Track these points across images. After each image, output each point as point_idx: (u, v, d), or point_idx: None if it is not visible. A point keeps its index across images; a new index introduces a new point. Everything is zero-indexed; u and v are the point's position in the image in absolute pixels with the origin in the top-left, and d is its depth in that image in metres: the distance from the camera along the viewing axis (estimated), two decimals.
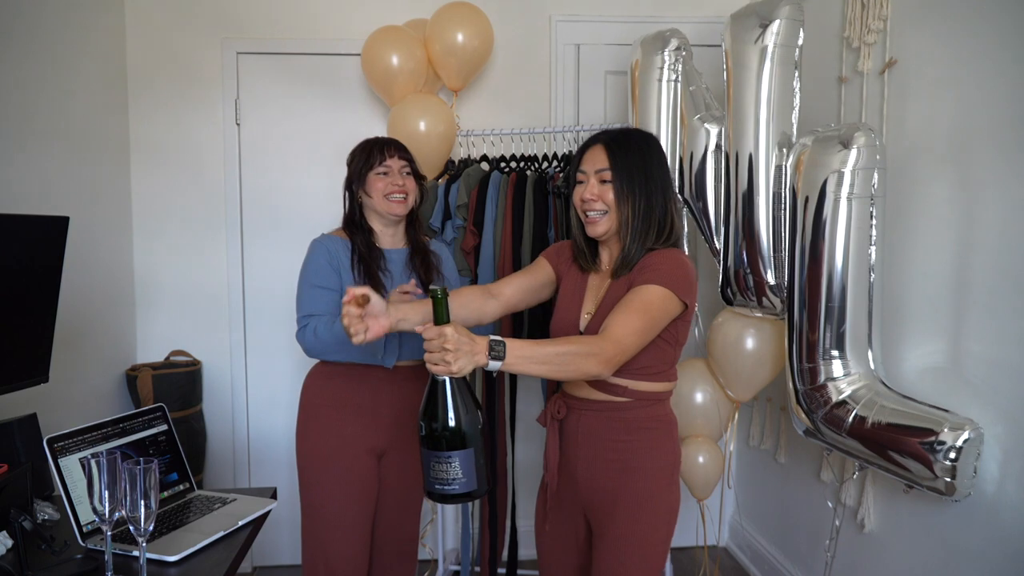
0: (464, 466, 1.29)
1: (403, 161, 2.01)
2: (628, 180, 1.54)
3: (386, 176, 1.98)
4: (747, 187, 2.26)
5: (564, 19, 3.08)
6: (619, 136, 1.58)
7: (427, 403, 1.31)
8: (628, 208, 1.54)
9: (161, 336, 2.99)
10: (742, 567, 3.14)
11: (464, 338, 1.26)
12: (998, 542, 1.78)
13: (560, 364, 1.36)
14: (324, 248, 1.98)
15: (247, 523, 1.61)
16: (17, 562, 1.38)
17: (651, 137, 1.63)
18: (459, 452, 1.29)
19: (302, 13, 2.99)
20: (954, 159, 1.92)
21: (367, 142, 2.04)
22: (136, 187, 2.95)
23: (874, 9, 2.17)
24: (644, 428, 1.57)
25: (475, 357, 1.27)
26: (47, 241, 1.71)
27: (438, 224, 2.65)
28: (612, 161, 1.55)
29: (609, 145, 1.56)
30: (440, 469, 1.30)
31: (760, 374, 2.45)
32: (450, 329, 1.25)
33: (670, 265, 1.51)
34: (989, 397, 1.80)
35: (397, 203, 1.99)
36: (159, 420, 1.80)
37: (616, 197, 1.55)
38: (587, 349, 1.38)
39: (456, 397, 1.29)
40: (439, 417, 1.29)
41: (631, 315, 1.45)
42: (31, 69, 2.25)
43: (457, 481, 1.30)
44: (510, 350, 1.31)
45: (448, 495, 1.31)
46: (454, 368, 1.25)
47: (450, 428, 1.28)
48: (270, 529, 1.79)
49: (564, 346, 1.38)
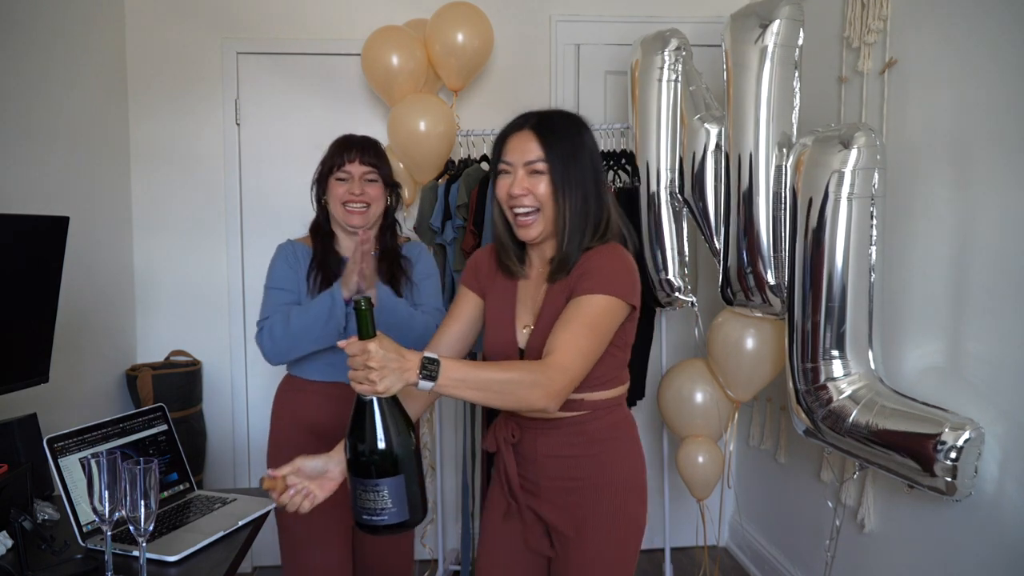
0: (394, 495, 1.16)
1: (366, 167, 1.82)
2: (563, 171, 1.34)
3: (344, 183, 1.82)
4: (747, 187, 2.26)
5: (564, 19, 3.08)
6: (549, 119, 1.38)
7: (352, 425, 1.18)
8: (566, 204, 1.35)
9: (161, 336, 2.99)
10: (742, 567, 3.14)
11: (391, 354, 1.13)
12: (998, 542, 1.78)
13: (500, 392, 1.23)
14: (284, 253, 1.89)
15: (247, 523, 1.61)
16: (17, 562, 1.38)
17: (581, 120, 1.43)
18: (388, 480, 1.15)
19: (302, 13, 2.99)
20: (954, 159, 1.92)
21: (336, 141, 1.89)
22: (136, 187, 2.95)
23: (874, 9, 2.17)
24: (608, 438, 1.46)
25: (404, 375, 1.13)
26: (47, 241, 1.71)
27: (438, 224, 2.65)
28: (545, 149, 1.35)
29: (539, 130, 1.36)
30: (367, 498, 1.16)
31: (760, 374, 2.45)
32: (374, 344, 1.11)
33: (612, 268, 1.36)
34: (989, 397, 1.80)
35: (354, 213, 1.82)
36: (159, 420, 1.80)
37: (551, 191, 1.35)
38: (532, 378, 1.24)
39: (385, 419, 1.16)
40: (365, 441, 1.16)
41: (578, 336, 1.30)
42: (31, 69, 2.24)
43: (386, 511, 1.16)
44: (445, 371, 1.17)
45: (376, 526, 1.18)
46: (380, 387, 1.12)
47: (378, 453, 1.15)
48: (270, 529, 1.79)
49: (506, 372, 1.25)
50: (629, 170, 2.74)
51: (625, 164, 2.75)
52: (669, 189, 2.56)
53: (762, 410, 2.95)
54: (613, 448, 1.47)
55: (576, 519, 1.45)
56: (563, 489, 1.46)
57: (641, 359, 2.75)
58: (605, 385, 1.44)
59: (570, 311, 1.33)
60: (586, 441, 1.45)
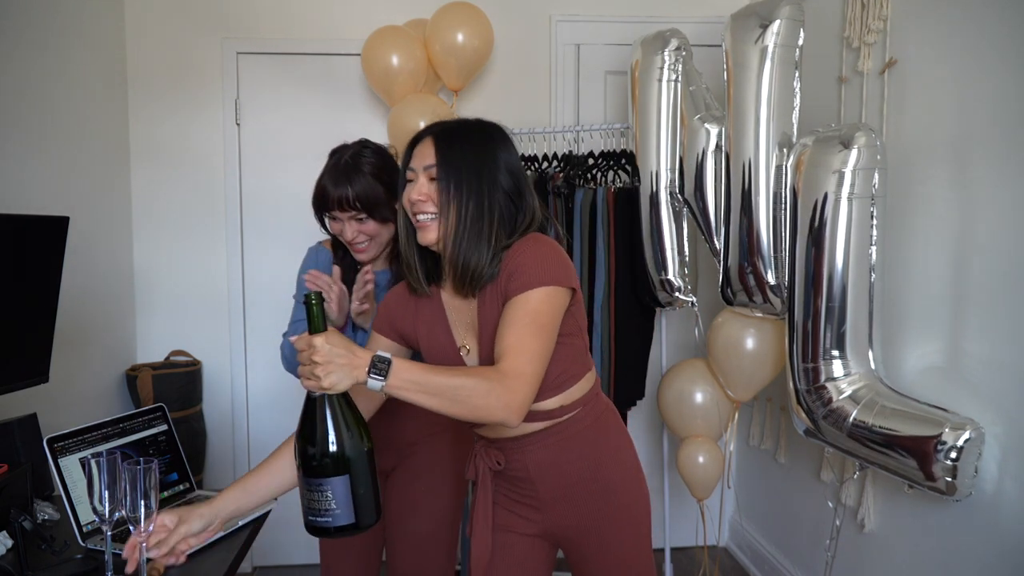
0: (339, 495, 1.12)
1: (350, 212, 1.69)
2: (456, 177, 1.30)
3: (337, 222, 1.73)
4: (747, 187, 2.26)
5: (564, 19, 3.08)
6: (451, 127, 1.37)
7: (300, 423, 1.15)
8: (453, 211, 1.30)
9: (161, 336, 2.99)
10: (742, 567, 3.14)
11: (339, 350, 1.10)
12: (998, 542, 1.78)
13: (454, 399, 1.16)
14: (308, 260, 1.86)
15: (247, 523, 1.61)
16: (17, 562, 1.38)
17: (490, 127, 1.40)
18: (332, 479, 1.12)
19: (302, 13, 2.99)
20: (954, 159, 1.92)
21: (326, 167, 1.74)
22: (136, 187, 2.95)
23: (874, 9, 2.17)
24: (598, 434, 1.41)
25: (353, 372, 1.10)
26: (47, 241, 1.71)
27: None
28: (440, 155, 1.32)
29: (439, 137, 1.34)
30: (312, 498, 1.13)
31: (760, 374, 2.45)
32: (320, 339, 1.09)
33: (538, 257, 1.29)
34: (989, 397, 1.80)
35: (357, 251, 1.75)
36: (159, 420, 1.80)
37: (440, 197, 1.31)
38: (487, 386, 1.18)
39: (331, 417, 1.13)
40: (311, 438, 1.13)
41: (525, 337, 1.23)
42: (31, 69, 2.24)
43: (330, 512, 1.13)
44: (396, 371, 1.12)
45: (321, 528, 1.14)
46: (324, 383, 1.09)
47: (324, 451, 1.12)
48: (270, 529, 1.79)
49: (460, 378, 1.18)
50: (629, 170, 2.74)
51: (625, 164, 2.75)
52: (669, 189, 2.56)
53: (762, 410, 2.95)
54: (600, 445, 1.42)
55: (583, 527, 1.42)
56: (564, 499, 1.41)
57: (641, 359, 2.75)
58: (571, 381, 1.38)
59: (509, 313, 1.26)
60: (573, 446, 1.39)
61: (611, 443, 1.44)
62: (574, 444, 1.39)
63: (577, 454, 1.40)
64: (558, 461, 1.39)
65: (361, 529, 1.15)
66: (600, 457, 1.42)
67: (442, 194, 1.30)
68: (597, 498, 1.41)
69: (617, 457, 1.44)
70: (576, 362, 1.39)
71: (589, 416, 1.41)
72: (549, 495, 1.42)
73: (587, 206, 2.65)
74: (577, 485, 1.40)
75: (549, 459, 1.39)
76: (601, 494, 1.41)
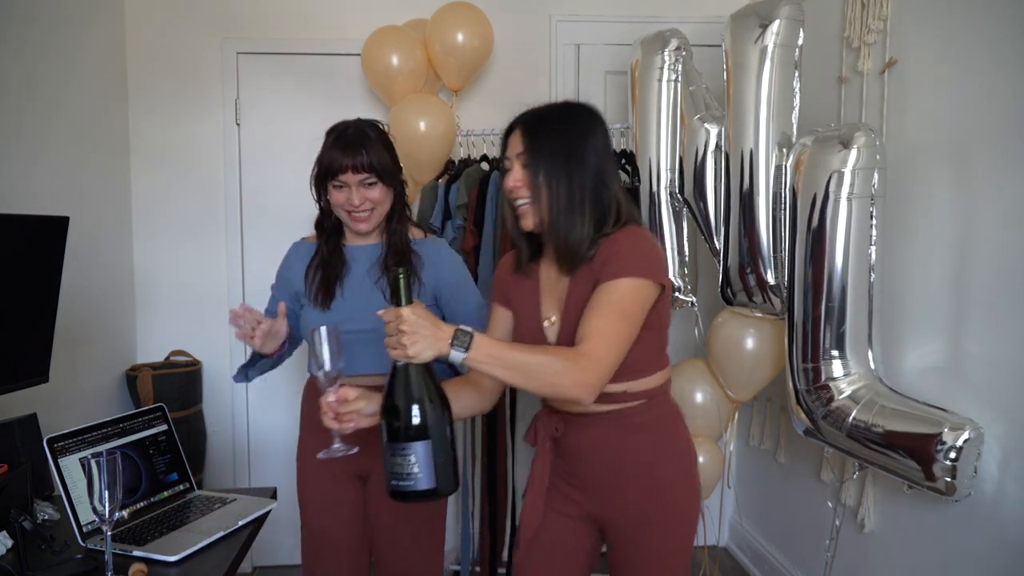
0: (421, 460, 1.18)
1: (363, 174, 1.69)
2: (544, 161, 1.36)
3: (342, 190, 1.72)
4: (747, 187, 2.26)
5: (564, 19, 3.08)
6: (539, 114, 1.42)
7: (386, 391, 1.22)
8: (546, 194, 1.36)
9: (161, 336, 2.99)
10: (742, 567, 3.14)
11: (425, 322, 1.18)
12: (998, 542, 1.78)
13: (531, 375, 1.24)
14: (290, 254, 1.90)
15: (247, 523, 1.61)
16: (17, 562, 1.38)
17: (579, 110, 1.44)
18: (415, 444, 1.18)
19: (302, 13, 2.99)
20: (954, 159, 1.92)
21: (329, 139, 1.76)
22: (136, 187, 2.95)
23: (874, 9, 2.17)
24: (654, 431, 1.44)
25: (437, 344, 1.18)
26: (47, 241, 1.71)
27: (438, 224, 2.65)
28: (530, 141, 1.38)
29: (526, 125, 1.40)
30: (395, 462, 1.19)
31: (760, 374, 2.45)
32: (408, 311, 1.18)
33: (634, 249, 1.35)
34: (989, 397, 1.80)
35: (360, 220, 1.74)
36: (159, 420, 1.80)
37: (532, 182, 1.37)
38: (564, 365, 1.24)
39: (415, 384, 1.20)
40: (395, 405, 1.20)
41: (608, 323, 1.29)
42: (30, 69, 2.24)
43: (413, 476, 1.18)
44: (477, 345, 1.20)
45: (404, 492, 1.20)
46: (410, 352, 1.17)
47: (408, 417, 1.19)
48: (270, 529, 1.79)
49: (539, 356, 1.25)
50: (629, 170, 2.74)
51: (625, 164, 2.75)
52: (669, 189, 2.56)
53: (762, 410, 2.95)
54: (659, 441, 1.45)
55: (628, 516, 1.44)
56: (611, 486, 1.44)
57: None
58: (642, 372, 1.42)
59: (597, 298, 1.32)
60: (630, 435, 1.43)
61: (669, 443, 1.47)
62: (631, 434, 1.43)
63: (632, 444, 1.43)
64: (612, 446, 1.43)
65: (440, 495, 1.22)
66: (654, 453, 1.44)
67: (532, 179, 1.37)
68: (644, 492, 1.43)
69: (672, 458, 1.46)
70: (650, 355, 1.43)
71: (653, 411, 1.45)
72: (595, 478, 1.45)
73: None
74: (626, 474, 1.43)
75: (604, 442, 1.43)
76: (649, 489, 1.43)
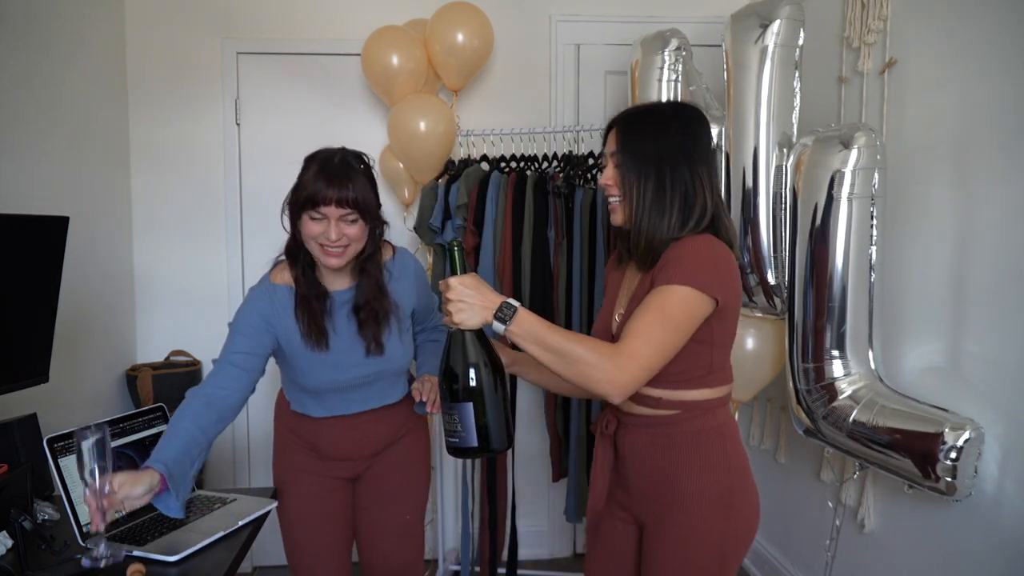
0: (466, 420, 1.27)
1: (345, 209, 1.57)
2: (634, 161, 1.38)
3: (319, 223, 1.58)
4: (748, 187, 2.26)
5: (564, 19, 3.08)
6: (635, 113, 1.44)
7: (442, 356, 1.31)
8: (634, 192, 1.38)
9: (161, 336, 2.99)
10: (742, 567, 3.14)
11: (471, 291, 1.24)
12: (998, 542, 1.78)
13: (565, 361, 1.25)
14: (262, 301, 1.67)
15: (247, 523, 1.61)
16: (17, 562, 1.38)
17: (677, 110, 1.44)
18: (461, 405, 1.27)
19: (302, 13, 2.99)
20: (954, 159, 1.92)
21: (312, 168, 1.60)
22: (136, 187, 2.95)
23: (874, 9, 2.17)
24: (691, 446, 1.40)
25: (482, 313, 1.24)
26: (47, 241, 1.71)
27: (438, 224, 2.65)
28: (621, 141, 1.40)
29: (621, 123, 1.42)
30: (445, 420, 1.30)
31: (760, 374, 2.45)
32: (456, 280, 1.25)
33: (695, 257, 1.33)
34: (989, 397, 1.80)
35: (331, 256, 1.60)
36: (159, 420, 1.80)
37: (622, 180, 1.39)
38: (597, 359, 1.24)
39: (462, 350, 1.28)
40: (446, 368, 1.29)
41: (651, 325, 1.28)
42: (31, 69, 2.24)
43: (456, 435, 1.28)
44: (519, 320, 1.24)
45: (451, 447, 1.30)
46: (455, 319, 1.24)
47: (453, 380, 1.28)
48: (270, 529, 1.79)
49: (576, 345, 1.25)
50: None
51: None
52: None
53: (762, 410, 2.95)
54: (699, 456, 1.40)
55: (656, 523, 1.44)
56: (646, 490, 1.45)
57: None
58: (685, 384, 1.40)
59: (648, 300, 1.32)
60: (669, 444, 1.41)
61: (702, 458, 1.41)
62: (665, 442, 1.42)
63: (664, 452, 1.42)
64: (647, 450, 1.44)
65: (485, 452, 1.30)
66: (684, 467, 1.40)
67: (624, 179, 1.39)
68: (669, 502, 1.42)
69: (703, 473, 1.40)
70: (697, 368, 1.40)
71: (689, 426, 1.41)
72: (634, 479, 1.47)
73: (587, 206, 2.66)
74: (654, 481, 1.44)
75: (641, 444, 1.45)
76: (673, 500, 1.41)
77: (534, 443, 3.07)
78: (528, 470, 3.11)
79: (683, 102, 1.49)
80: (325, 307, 1.67)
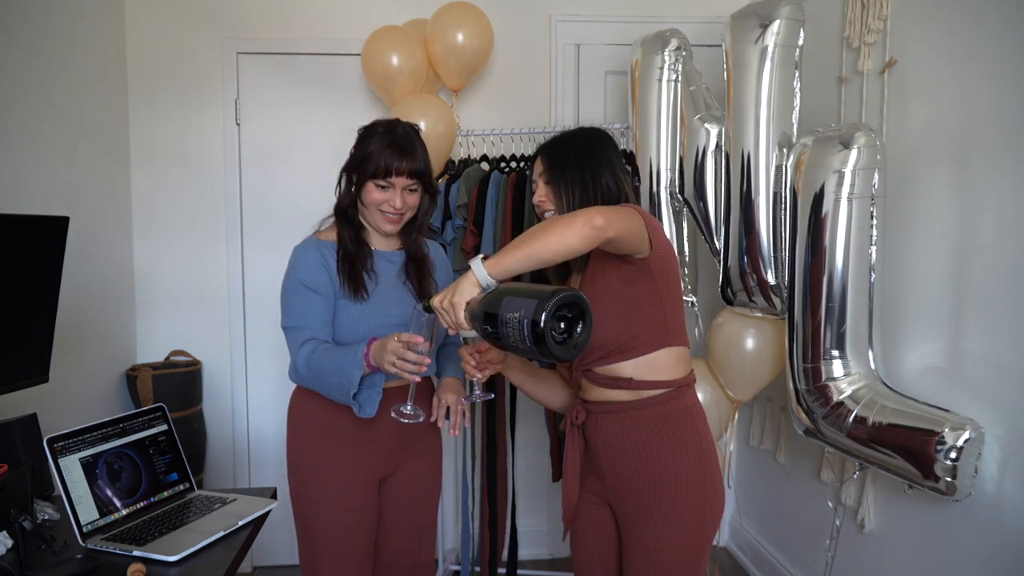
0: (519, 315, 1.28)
1: (411, 180, 1.70)
2: (561, 176, 1.57)
3: (385, 191, 1.69)
4: (747, 187, 2.26)
5: (564, 19, 3.08)
6: (556, 140, 1.64)
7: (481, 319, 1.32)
8: (563, 200, 1.56)
9: (161, 336, 2.99)
10: (742, 567, 3.14)
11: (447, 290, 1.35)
12: (998, 542, 1.78)
13: (543, 240, 1.30)
14: (314, 251, 1.71)
15: (247, 523, 1.61)
16: (17, 562, 1.38)
17: (589, 132, 1.64)
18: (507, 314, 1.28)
19: (302, 13, 2.99)
20: (954, 159, 1.92)
21: (383, 139, 1.72)
22: (136, 187, 2.95)
23: (874, 9, 2.17)
24: (662, 429, 1.48)
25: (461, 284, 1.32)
26: (47, 241, 1.71)
27: (438, 224, 2.65)
28: (547, 163, 1.60)
29: (546, 150, 1.62)
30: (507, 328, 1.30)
31: (760, 374, 2.45)
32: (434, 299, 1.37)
33: None
34: (989, 397, 1.80)
35: (390, 221, 1.72)
36: (159, 420, 1.80)
37: (554, 194, 1.57)
38: (569, 218, 1.32)
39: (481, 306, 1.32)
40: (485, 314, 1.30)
41: None
42: (31, 69, 2.24)
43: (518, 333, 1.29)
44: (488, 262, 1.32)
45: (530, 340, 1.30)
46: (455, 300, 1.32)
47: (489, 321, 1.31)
48: (270, 529, 1.79)
49: (537, 225, 1.37)
50: (629, 170, 2.73)
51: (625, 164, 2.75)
52: (669, 189, 2.56)
53: (762, 410, 2.95)
54: (667, 440, 1.49)
55: (635, 509, 1.51)
56: (621, 478, 1.52)
57: None
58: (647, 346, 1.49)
59: None
60: (639, 430, 1.50)
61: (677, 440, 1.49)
62: (635, 428, 1.50)
63: (636, 438, 1.50)
64: (619, 438, 1.52)
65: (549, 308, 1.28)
66: (660, 449, 1.49)
67: (554, 192, 1.57)
68: (647, 486, 1.49)
69: (679, 456, 1.49)
70: (655, 328, 1.49)
71: (659, 410, 1.50)
72: (608, 467, 1.54)
73: None
74: (631, 467, 1.50)
75: (613, 433, 1.52)
76: (652, 484, 1.48)
77: (534, 443, 3.07)
78: (528, 470, 3.12)
79: (590, 126, 1.69)
80: (367, 262, 1.74)
